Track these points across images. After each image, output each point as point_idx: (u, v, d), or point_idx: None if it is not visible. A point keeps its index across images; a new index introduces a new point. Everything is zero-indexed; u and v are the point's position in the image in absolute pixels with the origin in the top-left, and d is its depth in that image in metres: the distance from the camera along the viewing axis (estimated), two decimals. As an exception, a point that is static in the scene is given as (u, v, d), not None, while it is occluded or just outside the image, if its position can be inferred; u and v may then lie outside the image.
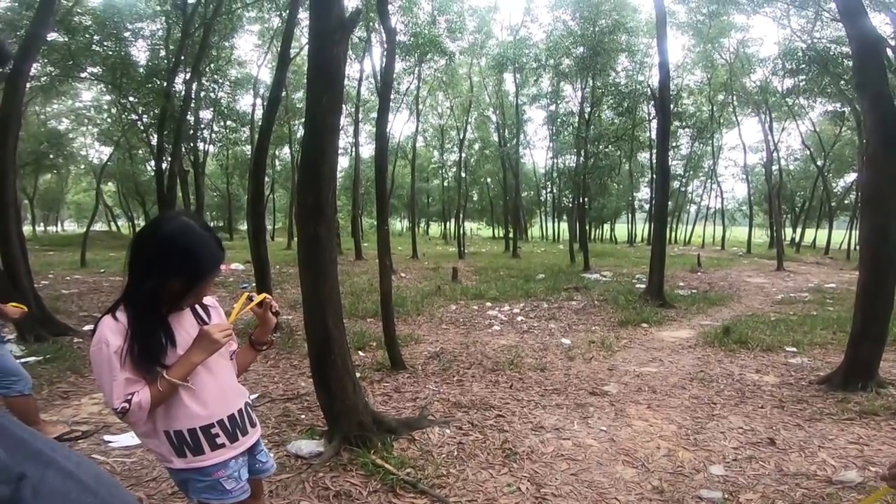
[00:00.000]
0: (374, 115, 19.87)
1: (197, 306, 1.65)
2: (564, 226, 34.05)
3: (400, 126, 43.53)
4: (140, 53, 14.98)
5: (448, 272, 13.43)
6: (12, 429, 0.43)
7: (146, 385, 1.42)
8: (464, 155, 27.98)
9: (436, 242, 35.34)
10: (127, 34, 13.68)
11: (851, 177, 30.16)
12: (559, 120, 20.41)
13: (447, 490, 2.87)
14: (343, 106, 4.01)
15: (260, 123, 10.89)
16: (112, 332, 1.40)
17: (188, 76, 13.22)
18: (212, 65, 16.06)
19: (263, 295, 1.73)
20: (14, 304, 3.08)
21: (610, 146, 19.94)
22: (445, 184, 37.78)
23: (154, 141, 14.41)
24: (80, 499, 0.43)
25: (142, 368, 1.43)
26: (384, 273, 5.37)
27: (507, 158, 25.17)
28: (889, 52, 10.42)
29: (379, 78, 16.84)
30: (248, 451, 1.75)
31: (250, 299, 1.72)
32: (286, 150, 28.47)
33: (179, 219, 1.48)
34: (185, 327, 1.56)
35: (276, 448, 3.36)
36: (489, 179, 39.94)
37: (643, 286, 10.72)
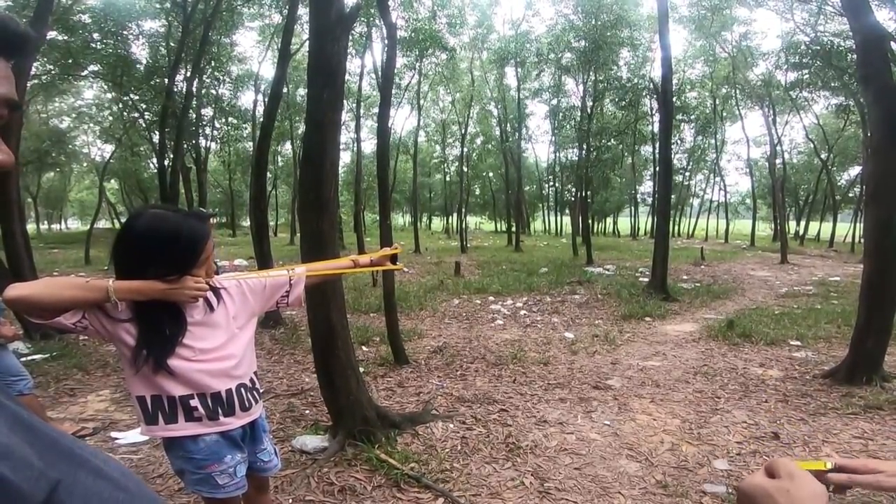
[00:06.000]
0: (376, 110, 19.82)
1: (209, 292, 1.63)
2: (567, 219, 33.97)
3: (401, 121, 43.38)
4: (140, 51, 14.96)
5: (451, 266, 13.43)
6: (44, 429, 0.43)
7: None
8: (466, 149, 27.89)
9: (438, 237, 35.31)
10: (127, 32, 13.66)
11: (855, 170, 30.02)
12: (561, 114, 20.33)
13: (451, 484, 2.88)
14: (344, 101, 4.01)
15: (261, 120, 10.88)
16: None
17: (189, 73, 13.20)
18: (213, 62, 16.01)
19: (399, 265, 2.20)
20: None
21: (612, 140, 19.86)
22: (447, 178, 37.68)
23: (156, 138, 14.43)
24: (113, 497, 0.43)
25: (158, 362, 1.45)
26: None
27: (509, 152, 25.09)
28: (893, 45, 10.32)
29: (380, 73, 16.80)
30: (248, 448, 1.74)
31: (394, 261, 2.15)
32: (288, 146, 28.44)
33: (147, 212, 1.49)
34: (193, 315, 1.56)
35: (281, 444, 3.37)
36: (491, 174, 39.79)
37: (646, 280, 10.71)
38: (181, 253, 1.45)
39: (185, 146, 16.58)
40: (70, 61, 12.75)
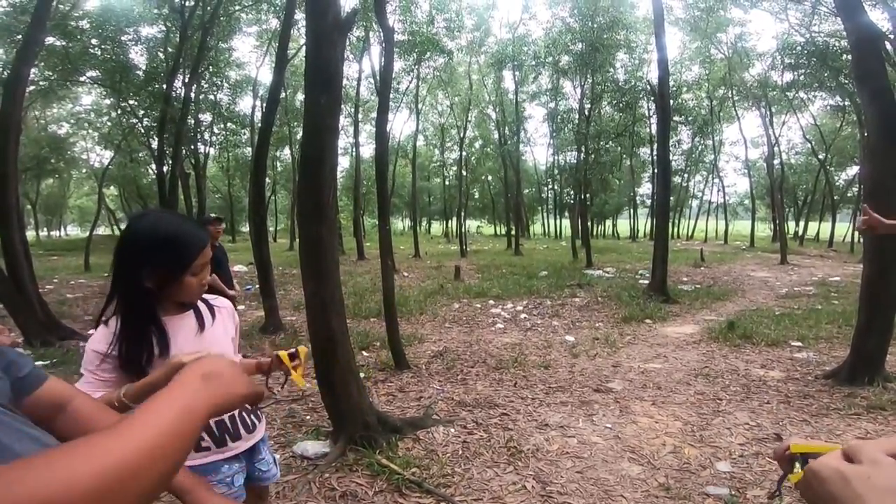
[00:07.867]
0: (374, 114, 19.87)
1: (202, 308, 1.59)
2: (566, 222, 34.06)
3: (400, 125, 43.60)
4: (139, 57, 14.98)
5: (450, 271, 13.42)
6: (44, 439, 0.43)
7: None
8: (464, 153, 27.93)
9: (437, 241, 35.34)
10: (125, 38, 13.68)
11: (853, 170, 30.11)
12: (559, 117, 20.41)
13: (452, 489, 2.87)
14: (342, 106, 4.01)
15: (260, 125, 10.89)
16: (97, 341, 1.38)
17: (187, 79, 13.22)
18: (211, 67, 16.03)
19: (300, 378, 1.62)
20: None
21: (610, 142, 19.93)
22: (446, 182, 37.76)
23: (154, 144, 14.41)
24: None
25: (129, 371, 1.40)
26: (386, 273, 5.36)
27: (507, 156, 25.14)
28: (888, 45, 10.36)
29: (378, 77, 16.84)
30: (246, 458, 1.72)
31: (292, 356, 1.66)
32: (286, 151, 28.48)
33: (149, 214, 1.47)
34: (182, 332, 1.49)
35: (282, 449, 3.36)
36: (490, 177, 39.90)
37: (646, 282, 10.70)
38: (175, 256, 1.40)
39: (184, 152, 16.59)
40: (68, 67, 12.76)
